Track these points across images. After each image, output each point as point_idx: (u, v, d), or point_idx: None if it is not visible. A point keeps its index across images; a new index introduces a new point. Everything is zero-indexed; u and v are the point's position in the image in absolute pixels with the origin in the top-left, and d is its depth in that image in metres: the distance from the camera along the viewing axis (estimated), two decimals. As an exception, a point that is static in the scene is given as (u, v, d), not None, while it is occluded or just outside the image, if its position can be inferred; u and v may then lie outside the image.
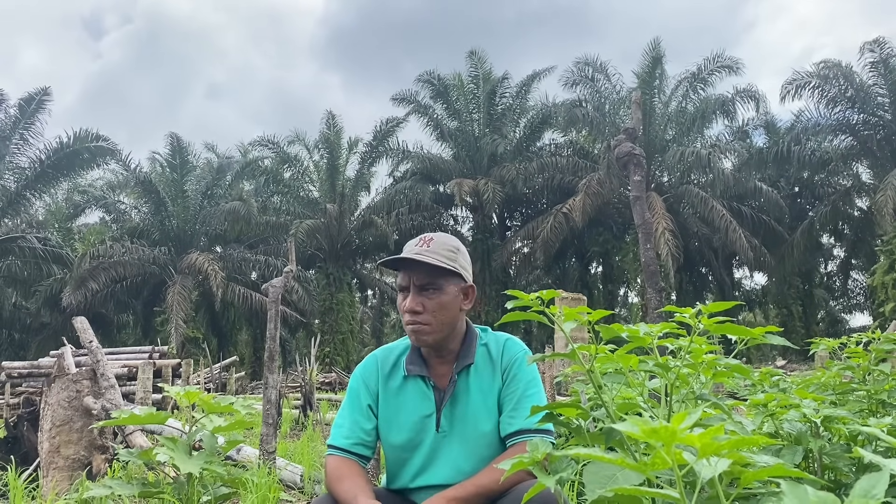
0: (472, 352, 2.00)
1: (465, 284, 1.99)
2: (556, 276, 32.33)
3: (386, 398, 2.02)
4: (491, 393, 1.96)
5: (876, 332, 2.93)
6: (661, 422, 0.84)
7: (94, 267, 26.09)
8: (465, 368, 1.98)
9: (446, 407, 1.97)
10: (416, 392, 2.00)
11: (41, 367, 13.88)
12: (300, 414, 11.37)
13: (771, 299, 31.49)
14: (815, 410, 2.09)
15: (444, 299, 1.94)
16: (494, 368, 1.99)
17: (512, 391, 1.94)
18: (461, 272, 1.97)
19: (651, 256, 15.48)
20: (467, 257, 2.04)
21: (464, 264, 2.00)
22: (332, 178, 29.97)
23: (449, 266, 1.92)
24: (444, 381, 2.00)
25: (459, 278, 1.97)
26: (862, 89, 23.94)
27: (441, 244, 1.97)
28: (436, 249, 1.94)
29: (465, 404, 1.96)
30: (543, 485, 1.34)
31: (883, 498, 0.65)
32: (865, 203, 27.49)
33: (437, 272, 1.92)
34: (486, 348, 2.02)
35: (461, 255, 2.00)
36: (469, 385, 1.98)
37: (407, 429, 1.98)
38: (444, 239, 1.99)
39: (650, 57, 26.54)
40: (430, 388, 1.99)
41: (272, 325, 4.76)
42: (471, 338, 2.03)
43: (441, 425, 1.96)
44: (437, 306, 1.93)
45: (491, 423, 1.95)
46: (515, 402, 1.92)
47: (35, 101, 26.83)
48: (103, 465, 4.39)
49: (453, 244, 1.99)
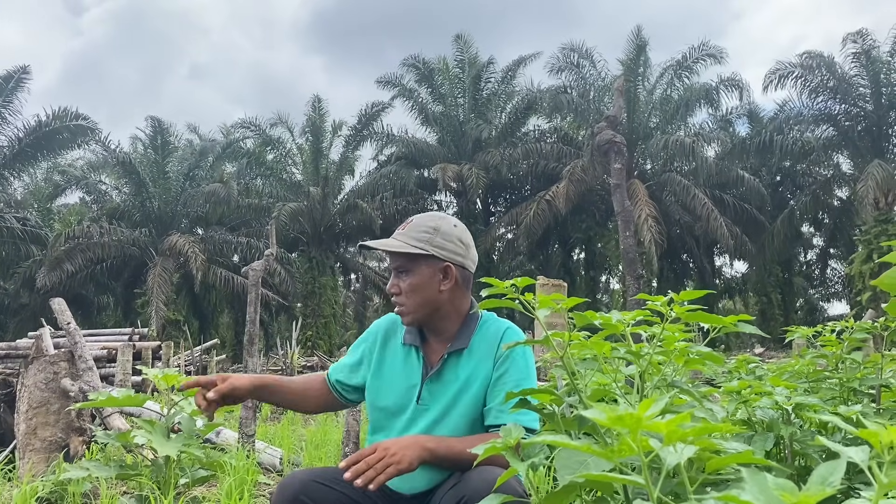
0: (467, 336, 2.01)
1: (442, 264, 1.98)
2: (539, 262, 32.41)
3: (381, 361, 2.09)
4: (480, 378, 1.97)
5: (849, 321, 2.96)
6: (627, 409, 0.86)
7: (70, 248, 25.82)
8: (457, 351, 2.00)
9: (430, 381, 1.99)
10: (408, 361, 2.05)
11: (19, 349, 13.72)
12: (281, 397, 11.38)
13: (751, 287, 31.78)
14: (787, 398, 2.12)
15: (416, 281, 1.97)
16: (491, 352, 1.99)
17: (504, 382, 1.94)
18: (434, 252, 1.96)
19: (630, 244, 15.58)
20: (452, 236, 2.01)
21: (442, 244, 1.98)
22: (315, 161, 29.83)
23: (415, 249, 1.95)
24: (437, 357, 2.02)
25: (435, 259, 1.97)
26: (844, 80, 24.10)
27: (417, 226, 2.00)
28: (409, 232, 1.99)
29: (451, 384, 1.98)
30: (515, 470, 1.35)
31: (839, 485, 0.66)
32: (845, 193, 27.77)
33: (406, 256, 1.97)
34: (485, 334, 2.03)
35: (440, 234, 1.99)
36: (459, 367, 1.99)
37: (393, 394, 2.03)
38: (422, 220, 2.02)
39: (634, 45, 26.55)
40: (420, 361, 2.03)
41: (252, 309, 4.74)
42: (470, 321, 2.04)
43: (422, 398, 1.99)
44: (410, 288, 1.97)
45: (474, 406, 1.96)
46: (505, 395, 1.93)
47: (13, 79, 26.40)
48: (81, 448, 4.38)
49: (432, 224, 2.00)
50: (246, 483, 3.60)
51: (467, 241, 2.05)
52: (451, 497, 1.77)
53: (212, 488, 3.91)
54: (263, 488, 4.10)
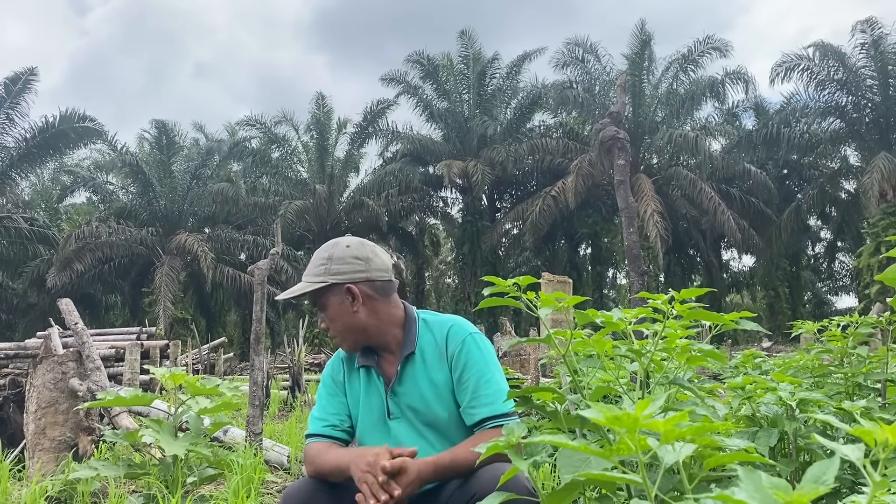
0: (412, 341, 2.01)
1: (343, 287, 1.98)
2: (545, 258, 32.38)
3: (350, 389, 2.09)
4: (440, 381, 1.97)
5: (854, 315, 2.96)
6: (628, 407, 0.86)
7: (79, 248, 25.95)
8: (409, 357, 2.00)
9: (392, 395, 2.01)
10: (370, 382, 2.06)
11: (28, 349, 13.78)
12: (288, 395, 11.40)
13: (758, 281, 31.69)
14: (792, 394, 2.12)
15: (330, 313, 2.01)
16: (441, 356, 1.99)
17: (466, 381, 1.93)
18: (332, 280, 1.98)
19: (634, 240, 15.55)
20: (346, 257, 2.00)
21: (337, 269, 1.98)
22: (321, 158, 29.87)
23: (313, 286, 1.99)
24: (393, 369, 2.03)
25: (336, 286, 1.98)
26: (852, 71, 23.93)
27: (314, 262, 2.04)
28: (310, 270, 2.03)
29: (413, 392, 1.99)
30: (518, 469, 1.36)
31: (832, 484, 0.67)
32: (853, 186, 27.59)
33: (313, 294, 2.01)
34: (432, 335, 2.03)
35: (333, 261, 2.00)
36: (416, 373, 2.00)
37: (366, 416, 2.05)
38: (317, 255, 2.06)
39: (639, 39, 26.45)
40: (379, 378, 2.04)
41: (258, 308, 4.76)
42: (410, 325, 2.04)
43: (391, 411, 2.00)
44: (329, 320, 2.01)
45: (443, 408, 1.96)
46: (472, 391, 1.92)
47: (21, 80, 26.52)
48: (89, 447, 4.41)
49: (325, 255, 2.02)
50: (253, 481, 3.61)
51: (364, 254, 2.02)
52: (460, 494, 1.79)
53: (219, 487, 3.93)
54: (271, 486, 4.12)
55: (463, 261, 29.86)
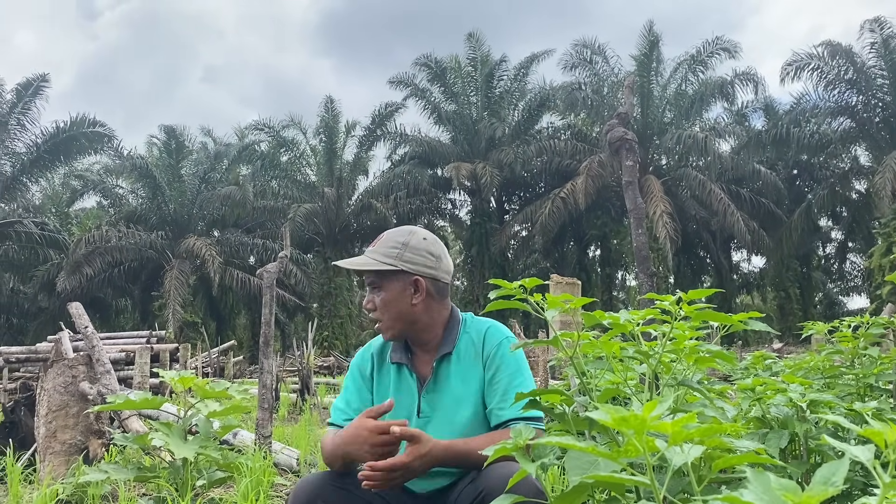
0: (451, 341, 2.02)
1: (412, 278, 1.99)
2: (554, 260, 32.32)
3: (378, 384, 2.09)
4: (472, 380, 1.99)
5: (865, 316, 2.94)
6: (636, 409, 0.86)
7: (89, 252, 26.10)
8: (446, 357, 2.02)
9: (426, 394, 2.01)
10: (401, 378, 2.06)
11: (39, 352, 13.89)
12: (298, 398, 11.43)
13: (769, 282, 31.53)
14: (802, 395, 2.11)
15: (388, 296, 1.99)
16: (476, 356, 2.01)
17: (497, 381, 1.96)
18: (403, 267, 1.98)
19: (643, 242, 15.45)
20: (421, 249, 2.01)
21: (410, 258, 1.99)
22: (329, 161, 29.93)
23: (383, 266, 1.97)
24: (427, 368, 2.04)
25: (404, 273, 1.98)
26: (862, 70, 23.80)
27: (386, 241, 2.02)
28: (379, 248, 2.01)
29: (446, 391, 2.00)
30: (526, 471, 1.36)
31: (842, 486, 0.66)
32: (863, 186, 27.43)
33: (377, 273, 2.00)
34: (469, 336, 2.04)
35: (409, 248, 2.00)
36: (450, 373, 2.01)
37: (393, 413, 2.02)
38: (392, 236, 2.04)
39: (647, 40, 26.43)
40: (412, 376, 2.04)
41: (267, 311, 4.77)
42: (452, 326, 2.05)
43: (422, 411, 2.01)
44: (383, 303, 1.99)
45: (473, 409, 1.97)
46: (502, 392, 1.93)
47: (33, 86, 26.79)
48: (100, 450, 4.42)
49: (401, 240, 2.01)
50: (262, 484, 3.62)
51: (438, 252, 2.04)
52: (469, 492, 1.79)
53: (229, 489, 3.93)
54: (280, 489, 4.12)
55: (471, 263, 29.85)
